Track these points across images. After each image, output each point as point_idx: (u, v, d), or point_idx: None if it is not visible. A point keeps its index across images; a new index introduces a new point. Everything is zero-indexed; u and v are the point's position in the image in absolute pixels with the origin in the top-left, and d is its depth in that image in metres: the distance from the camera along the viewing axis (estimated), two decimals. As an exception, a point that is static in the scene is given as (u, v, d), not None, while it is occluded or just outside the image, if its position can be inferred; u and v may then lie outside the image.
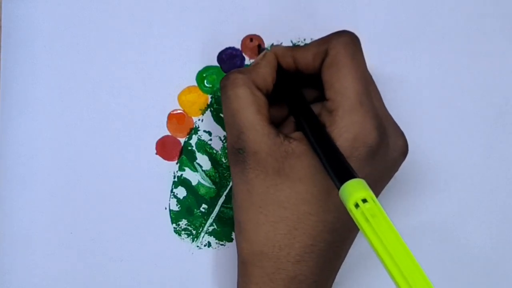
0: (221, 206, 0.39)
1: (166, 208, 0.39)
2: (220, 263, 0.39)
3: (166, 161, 0.39)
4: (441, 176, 0.39)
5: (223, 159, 0.39)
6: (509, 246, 0.40)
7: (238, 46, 0.39)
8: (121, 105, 0.38)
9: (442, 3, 0.40)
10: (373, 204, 0.25)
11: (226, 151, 0.33)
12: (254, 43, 0.39)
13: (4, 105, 0.38)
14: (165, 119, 0.39)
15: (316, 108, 0.33)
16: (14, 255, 0.38)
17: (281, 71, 0.34)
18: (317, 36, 0.35)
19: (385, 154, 0.32)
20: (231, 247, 0.39)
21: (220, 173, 0.39)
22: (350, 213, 0.26)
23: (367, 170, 0.31)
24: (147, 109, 0.38)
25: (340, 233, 0.32)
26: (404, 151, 0.34)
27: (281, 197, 0.31)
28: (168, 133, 0.39)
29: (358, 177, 0.27)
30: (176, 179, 0.39)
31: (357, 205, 0.25)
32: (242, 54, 0.39)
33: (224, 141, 0.39)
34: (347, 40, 0.32)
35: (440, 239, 0.39)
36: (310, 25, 0.39)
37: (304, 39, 0.39)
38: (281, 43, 0.39)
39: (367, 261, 0.38)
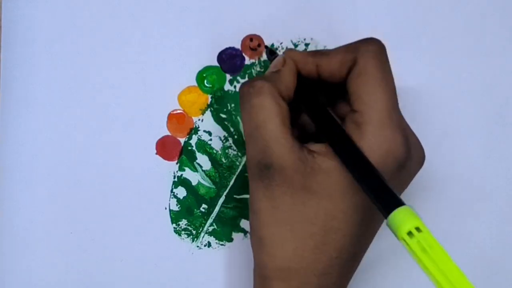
0: (221, 206, 0.39)
1: (166, 208, 0.39)
2: (220, 263, 0.39)
3: (166, 161, 0.39)
4: (441, 176, 0.39)
5: (223, 159, 0.39)
6: (509, 246, 0.40)
7: (238, 46, 0.39)
8: (121, 105, 0.38)
9: (442, 3, 0.40)
10: (428, 234, 0.25)
11: (247, 164, 0.32)
12: (254, 43, 0.39)
13: (4, 105, 0.38)
14: (165, 119, 0.39)
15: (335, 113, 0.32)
16: (14, 255, 0.38)
17: (299, 78, 0.33)
18: (317, 36, 0.35)
19: (409, 167, 0.32)
20: (231, 247, 0.39)
21: (220, 173, 0.39)
22: (403, 243, 0.25)
23: (394, 184, 0.30)
24: (147, 109, 0.38)
25: (362, 244, 0.33)
26: (422, 161, 0.33)
27: (309, 214, 0.31)
28: (168, 133, 0.39)
29: (405, 203, 0.26)
30: (176, 179, 0.39)
31: (409, 233, 0.25)
32: (242, 54, 0.39)
33: (224, 142, 0.39)
34: (377, 50, 0.31)
35: (439, 239, 0.39)
36: (310, 25, 0.39)
37: (304, 39, 0.39)
38: (281, 43, 0.39)
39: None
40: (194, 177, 0.39)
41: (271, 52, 0.37)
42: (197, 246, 0.39)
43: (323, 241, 0.31)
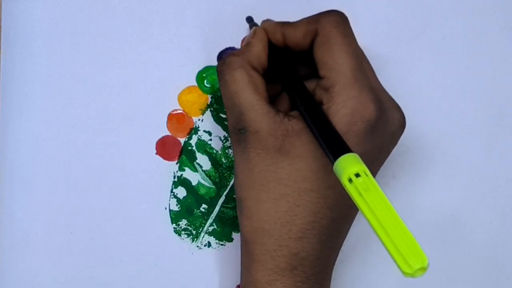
0: (221, 206, 0.39)
1: (166, 208, 0.39)
2: (220, 263, 0.39)
3: (166, 161, 0.39)
4: (441, 176, 0.39)
5: (223, 159, 0.39)
6: (509, 246, 0.40)
7: (238, 45, 0.39)
8: (121, 105, 0.38)
9: (442, 3, 0.40)
10: (366, 178, 0.26)
11: (229, 135, 0.34)
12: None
13: (4, 105, 0.38)
14: (165, 119, 0.39)
15: (310, 85, 0.33)
16: (14, 255, 0.38)
17: (272, 47, 0.35)
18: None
19: (383, 128, 0.32)
20: (231, 247, 0.39)
21: (220, 173, 0.39)
22: (344, 188, 0.26)
23: (367, 145, 0.31)
24: (147, 109, 0.38)
25: (341, 209, 0.33)
26: (402, 123, 0.34)
27: (281, 174, 0.32)
28: (168, 133, 0.39)
29: (352, 151, 0.27)
30: (176, 179, 0.39)
31: (350, 180, 0.26)
32: (242, 54, 0.39)
33: (224, 141, 0.39)
34: (337, 19, 0.33)
35: (439, 239, 0.39)
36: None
37: (304, 39, 0.39)
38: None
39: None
40: (194, 177, 0.39)
41: (251, 21, 0.38)
42: (197, 246, 0.39)
43: (297, 203, 0.32)
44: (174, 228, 0.39)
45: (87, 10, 0.38)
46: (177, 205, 0.39)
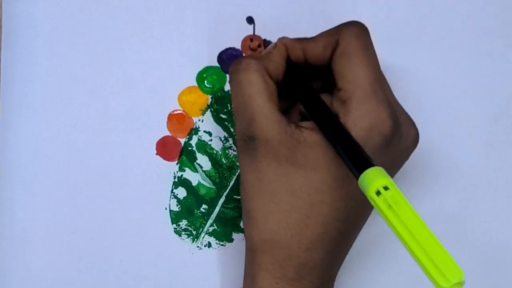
0: (222, 206, 0.39)
1: (166, 209, 0.39)
2: (221, 263, 0.39)
3: (166, 162, 0.39)
4: (441, 176, 0.39)
5: (223, 160, 0.39)
6: (509, 246, 0.40)
7: (238, 46, 0.39)
8: (121, 105, 0.38)
9: (443, 3, 0.40)
10: (395, 191, 0.25)
11: (235, 138, 0.33)
12: (254, 43, 0.39)
13: (4, 105, 0.38)
14: (166, 120, 0.39)
15: (325, 99, 0.33)
16: (14, 255, 0.38)
17: (289, 63, 0.34)
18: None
19: (398, 143, 0.32)
20: (232, 247, 0.39)
21: (220, 174, 0.39)
22: (371, 201, 0.25)
23: (381, 159, 0.31)
24: (147, 110, 0.38)
25: (351, 221, 0.33)
26: (415, 140, 0.34)
27: (294, 186, 0.31)
28: (168, 133, 0.39)
29: (376, 165, 0.27)
30: (176, 180, 0.39)
31: (378, 193, 0.25)
32: (242, 54, 0.39)
33: (224, 142, 0.39)
34: (358, 31, 0.32)
35: (439, 238, 0.39)
36: (310, 25, 0.39)
37: (305, 39, 0.39)
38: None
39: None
40: (194, 178, 0.39)
41: (251, 21, 0.38)
42: (198, 247, 0.39)
43: (308, 215, 0.31)
44: (174, 228, 0.39)
45: (87, 10, 0.38)
46: (177, 205, 0.39)
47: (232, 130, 0.39)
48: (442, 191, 0.39)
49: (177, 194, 0.39)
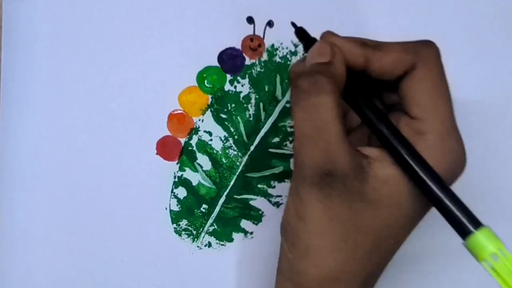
0: (222, 206, 0.39)
1: (166, 208, 0.39)
2: (221, 263, 0.39)
3: (166, 161, 0.39)
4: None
5: (223, 159, 0.39)
6: (509, 247, 0.40)
7: (238, 46, 0.39)
8: (121, 105, 0.38)
9: (443, 3, 0.40)
10: (505, 260, 0.24)
11: (297, 166, 0.29)
12: (254, 43, 0.39)
13: (4, 105, 0.38)
14: (166, 119, 0.39)
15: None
16: (14, 255, 0.38)
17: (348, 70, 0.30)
18: (317, 36, 0.34)
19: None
20: (232, 247, 0.39)
21: (221, 173, 0.39)
22: (486, 267, 0.24)
23: None
24: (147, 109, 0.38)
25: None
26: (464, 169, 0.31)
27: (364, 223, 0.28)
28: (168, 133, 0.39)
29: (482, 224, 0.25)
30: (176, 179, 0.39)
31: (493, 256, 0.24)
32: (242, 54, 0.39)
33: (224, 141, 0.39)
34: (437, 55, 0.30)
35: (439, 239, 0.39)
36: (310, 25, 0.39)
37: (305, 39, 0.39)
38: (281, 43, 0.39)
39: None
40: (194, 177, 0.39)
41: (301, 33, 0.33)
42: (198, 246, 0.39)
43: (373, 250, 0.29)
44: (174, 228, 0.39)
45: (87, 10, 0.38)
46: (177, 205, 0.39)
47: (232, 129, 0.39)
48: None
49: (177, 194, 0.39)
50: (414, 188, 0.28)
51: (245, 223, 0.39)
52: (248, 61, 0.39)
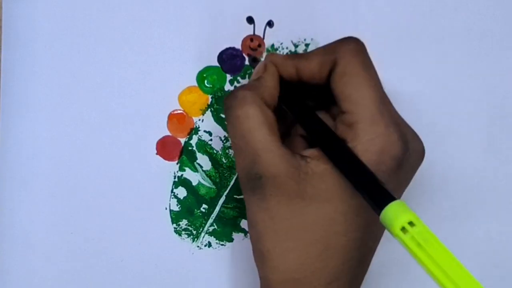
0: (222, 206, 0.39)
1: (166, 208, 0.39)
2: (221, 263, 0.39)
3: (166, 161, 0.39)
4: (440, 176, 0.39)
5: (223, 159, 0.39)
6: (509, 247, 0.40)
7: (238, 46, 0.39)
8: (121, 105, 0.38)
9: (443, 3, 0.40)
10: (422, 227, 0.24)
11: (238, 177, 0.31)
12: (254, 43, 0.39)
13: (4, 105, 0.38)
14: (166, 119, 0.39)
15: (323, 117, 0.31)
16: (14, 255, 0.38)
17: (282, 82, 0.33)
18: (317, 36, 0.35)
19: (407, 162, 0.31)
20: (232, 247, 0.39)
21: (221, 173, 0.39)
22: (398, 239, 0.25)
23: (394, 181, 0.30)
24: (147, 109, 0.38)
25: (369, 247, 0.32)
26: (422, 154, 0.32)
27: (308, 220, 0.29)
28: (168, 133, 0.39)
29: (396, 198, 0.26)
30: (176, 179, 0.39)
31: (403, 229, 0.24)
32: (242, 54, 0.39)
33: (224, 142, 0.39)
34: (356, 48, 0.31)
35: (440, 239, 0.39)
36: (310, 25, 0.39)
37: (305, 39, 0.39)
38: (281, 43, 0.39)
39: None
40: (194, 177, 0.39)
41: (254, 59, 0.38)
42: (198, 246, 0.39)
43: (326, 248, 0.30)
44: (174, 228, 0.39)
45: (87, 10, 0.38)
46: (177, 205, 0.39)
47: (232, 130, 0.39)
48: (442, 191, 0.39)
49: (177, 194, 0.39)
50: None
51: (245, 223, 0.39)
52: (247, 61, 0.39)
